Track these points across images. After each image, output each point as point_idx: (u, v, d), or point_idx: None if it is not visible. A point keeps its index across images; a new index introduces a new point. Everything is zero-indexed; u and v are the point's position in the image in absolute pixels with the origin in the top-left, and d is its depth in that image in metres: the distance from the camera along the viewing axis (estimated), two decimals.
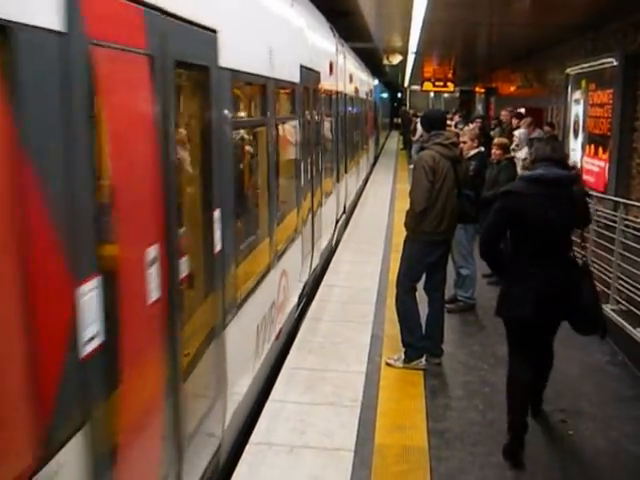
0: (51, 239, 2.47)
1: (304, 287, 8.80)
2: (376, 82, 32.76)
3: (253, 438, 5.36)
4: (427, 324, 6.94)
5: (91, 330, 2.74)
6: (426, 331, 6.90)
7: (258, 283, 5.94)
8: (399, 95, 59.93)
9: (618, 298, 7.94)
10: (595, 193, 10.68)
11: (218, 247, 4.60)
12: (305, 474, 4.91)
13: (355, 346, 7.31)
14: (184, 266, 3.96)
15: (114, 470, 2.98)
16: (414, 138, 27.23)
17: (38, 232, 2.39)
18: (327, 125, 11.68)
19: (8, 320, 2.25)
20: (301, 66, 8.22)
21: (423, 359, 6.81)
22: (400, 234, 7.42)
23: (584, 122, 14.94)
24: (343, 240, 12.90)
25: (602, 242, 8.81)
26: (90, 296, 2.72)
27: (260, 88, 6.31)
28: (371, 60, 26.79)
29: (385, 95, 46.67)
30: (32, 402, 2.38)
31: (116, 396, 3.02)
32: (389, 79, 45.47)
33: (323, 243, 10.62)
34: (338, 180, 13.34)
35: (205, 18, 4.24)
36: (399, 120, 44.77)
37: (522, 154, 12.09)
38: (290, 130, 7.99)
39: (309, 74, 8.94)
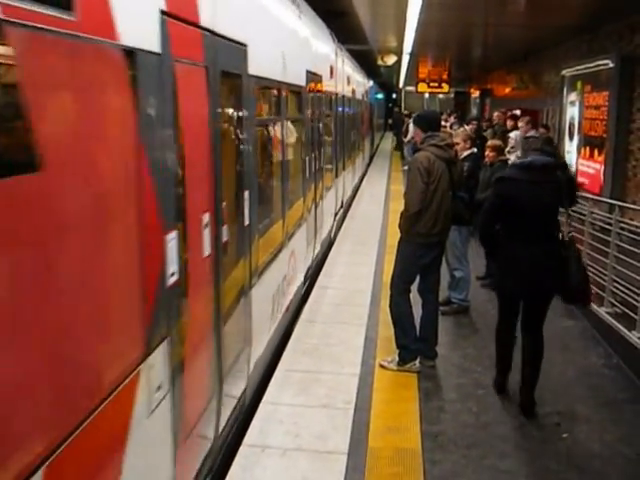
0: (153, 203, 3.49)
1: (307, 270, 9.60)
2: (371, 83, 32.82)
3: (246, 440, 5.33)
4: (421, 326, 6.91)
5: (172, 268, 3.71)
6: (420, 333, 6.87)
7: (274, 257, 6.95)
8: (394, 96, 59.89)
9: (613, 301, 7.93)
10: (590, 195, 10.68)
11: (247, 221, 5.57)
12: (298, 477, 4.88)
13: (349, 348, 7.28)
14: (225, 233, 4.88)
15: (183, 374, 3.94)
16: (406, 139, 27.18)
17: (148, 199, 3.41)
18: (327, 124, 12.42)
19: (132, 254, 3.27)
20: (307, 71, 9.16)
21: (417, 361, 6.78)
22: (394, 235, 7.40)
23: (580, 124, 14.95)
24: (337, 242, 12.88)
25: (597, 245, 8.80)
26: (172, 244, 3.70)
27: (276, 91, 7.26)
28: (366, 61, 26.77)
29: (380, 96, 46.70)
30: (142, 314, 3.36)
31: (185, 319, 4.00)
32: (384, 80, 45.44)
33: (323, 233, 11.55)
34: (337, 176, 14.33)
35: (238, 35, 5.19)
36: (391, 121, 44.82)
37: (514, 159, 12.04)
38: (298, 128, 8.83)
39: (313, 78, 9.89)
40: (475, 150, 9.09)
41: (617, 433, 5.73)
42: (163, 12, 3.59)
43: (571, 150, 15.47)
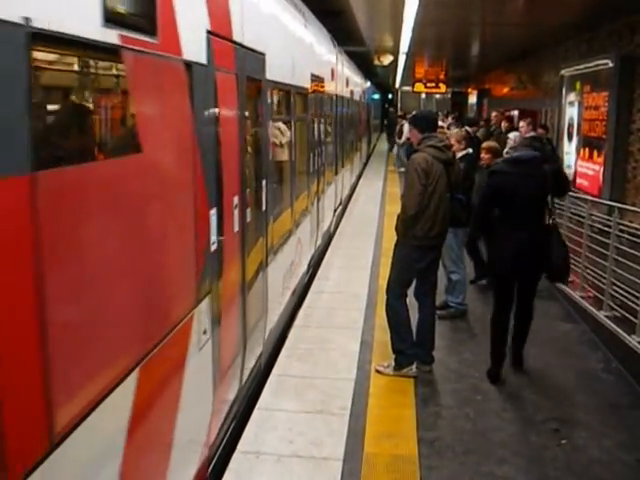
0: (202, 181, 4.37)
1: (310, 259, 10.43)
2: (368, 84, 32.86)
3: (240, 447, 5.29)
4: (418, 331, 6.83)
5: (213, 238, 4.60)
6: (417, 338, 6.80)
7: (285, 242, 7.86)
8: (390, 96, 59.87)
9: (612, 304, 7.86)
10: (589, 197, 10.62)
11: (264, 207, 6.46)
12: None
13: (344, 353, 7.21)
14: (248, 214, 5.72)
15: (220, 326, 4.81)
16: (400, 141, 27.07)
17: (199, 178, 4.31)
18: (328, 123, 13.16)
19: (193, 220, 4.22)
20: (311, 74, 10.05)
21: (413, 366, 6.71)
22: (390, 239, 7.35)
23: (579, 125, 14.90)
24: (332, 245, 12.86)
25: (596, 247, 8.74)
26: (213, 218, 4.59)
27: (286, 93, 8.16)
28: (362, 61, 26.76)
29: (376, 96, 46.71)
30: (197, 270, 4.31)
31: (221, 282, 4.84)
32: (380, 80, 45.42)
33: (324, 226, 12.48)
34: (336, 174, 15.24)
35: (259, 46, 6.08)
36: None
37: None
38: (303, 126, 9.80)
39: (316, 81, 10.77)
40: (470, 151, 9.01)
41: (616, 439, 5.67)
42: (208, 31, 4.48)
43: (570, 151, 15.42)
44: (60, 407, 2.62)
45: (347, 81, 18.20)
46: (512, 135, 12.02)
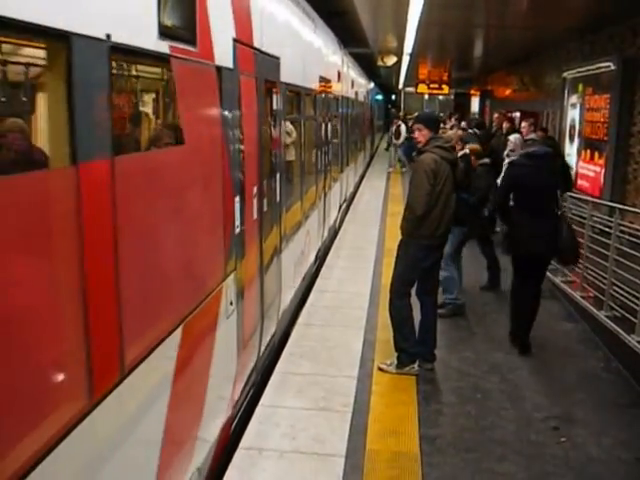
0: (228, 176, 4.97)
1: (318, 251, 11.04)
2: (372, 85, 32.88)
3: (243, 443, 5.33)
4: (420, 329, 6.88)
5: (237, 223, 5.16)
6: (419, 336, 6.85)
7: (296, 231, 8.52)
8: (393, 97, 59.83)
9: (612, 304, 7.90)
10: (590, 198, 10.65)
11: (278, 198, 7.05)
12: (296, 479, 4.88)
13: (347, 351, 7.26)
14: (265, 204, 6.29)
15: (243, 301, 5.43)
16: (398, 141, 27.06)
17: (226, 166, 4.90)
18: (334, 123, 13.67)
19: (223, 203, 4.84)
20: (319, 76, 10.66)
21: (416, 365, 6.75)
22: (392, 238, 7.38)
23: (580, 126, 14.93)
24: (335, 245, 12.89)
25: (597, 248, 8.78)
26: (237, 205, 5.14)
27: (297, 94, 8.65)
28: (366, 62, 26.78)
29: (380, 97, 46.70)
30: (225, 248, 4.94)
31: (243, 262, 5.40)
32: (383, 81, 45.39)
33: (330, 221, 13.17)
34: (341, 171, 15.90)
35: (274, 51, 6.64)
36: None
37: None
38: (312, 125, 10.42)
39: (324, 82, 11.37)
40: (467, 151, 9.02)
41: (616, 437, 5.71)
42: (234, 39, 5.06)
43: (571, 153, 15.45)
44: (129, 348, 3.23)
45: (352, 82, 18.54)
46: (512, 137, 12.07)
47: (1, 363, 2.31)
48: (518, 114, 16.90)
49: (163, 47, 3.59)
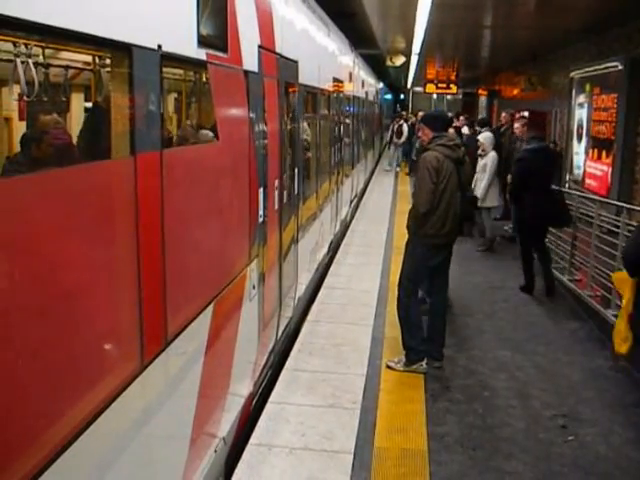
0: (254, 169, 5.43)
1: (330, 243, 11.62)
2: (381, 85, 32.93)
3: (253, 439, 5.37)
4: (428, 328, 6.92)
5: (261, 212, 5.58)
6: (427, 334, 6.88)
7: (311, 222, 9.16)
8: (402, 97, 59.76)
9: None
10: (597, 197, 10.67)
11: (297, 190, 7.67)
12: (305, 476, 4.91)
13: (356, 348, 7.29)
14: (284, 196, 6.83)
15: (264, 286, 5.87)
16: (399, 140, 26.99)
17: (252, 167, 5.36)
18: (346, 121, 14.43)
19: (250, 194, 5.29)
20: (332, 78, 11.30)
21: (424, 362, 6.78)
22: (401, 237, 7.41)
23: (588, 126, 14.92)
24: (344, 242, 12.92)
25: (604, 247, 8.79)
26: (261, 195, 5.56)
27: (313, 95, 9.36)
28: (375, 62, 26.79)
29: (388, 97, 46.72)
30: (250, 235, 5.37)
31: (265, 250, 5.81)
32: (392, 81, 45.36)
33: (342, 215, 13.85)
34: (353, 168, 16.58)
35: (294, 55, 7.20)
36: None
37: (490, 161, 12.01)
38: (326, 123, 11.08)
39: (337, 83, 12.05)
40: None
41: (624, 436, 5.72)
42: (259, 46, 5.59)
43: (579, 152, 15.45)
44: (172, 320, 3.64)
45: (362, 83, 19.07)
46: (482, 137, 12.25)
47: (85, 327, 2.84)
48: (526, 113, 16.86)
49: (201, 54, 4.06)
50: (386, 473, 5.02)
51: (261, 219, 5.72)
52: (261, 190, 5.69)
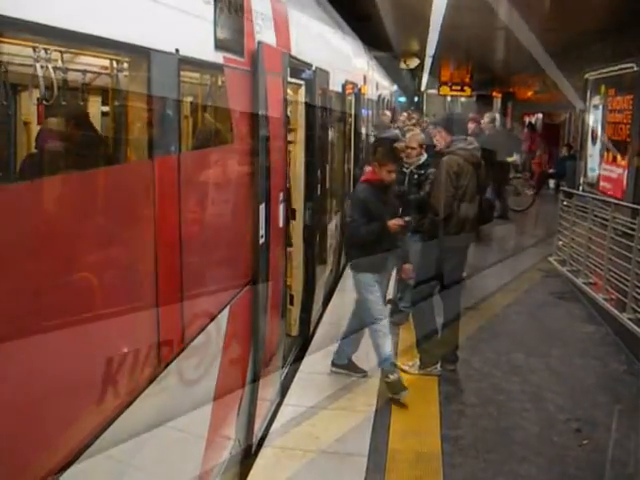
0: (254, 185, 4.98)
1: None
2: (395, 87, 32.93)
3: (267, 442, 5.39)
4: (442, 330, 6.91)
5: (262, 232, 5.14)
6: (441, 337, 6.87)
7: (331, 221, 9.41)
8: (416, 99, 59.63)
9: (635, 307, 7.88)
10: (613, 200, 10.62)
11: (320, 191, 7.85)
12: (319, 478, 4.94)
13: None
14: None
15: (270, 289, 5.49)
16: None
17: (250, 183, 4.98)
18: (359, 123, 13.98)
19: (241, 218, 4.93)
20: (346, 80, 11.08)
21: (438, 365, 6.79)
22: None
23: (603, 128, 14.87)
24: None
25: (619, 250, 8.76)
26: (262, 212, 5.12)
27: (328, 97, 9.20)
28: (390, 64, 26.79)
29: (402, 99, 46.65)
30: (245, 261, 5.02)
31: (269, 265, 5.42)
32: (406, 83, 45.28)
33: None
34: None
35: (303, 57, 6.94)
36: None
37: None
38: (338, 125, 10.90)
39: (350, 86, 11.84)
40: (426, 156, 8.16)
41: (638, 440, 5.66)
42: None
43: (594, 154, 15.39)
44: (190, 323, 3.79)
45: (376, 85, 18.94)
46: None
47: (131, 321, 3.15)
48: (540, 115, 16.83)
49: (218, 58, 4.18)
50: (400, 476, 5.04)
51: (262, 240, 5.49)
52: (261, 207, 5.52)
